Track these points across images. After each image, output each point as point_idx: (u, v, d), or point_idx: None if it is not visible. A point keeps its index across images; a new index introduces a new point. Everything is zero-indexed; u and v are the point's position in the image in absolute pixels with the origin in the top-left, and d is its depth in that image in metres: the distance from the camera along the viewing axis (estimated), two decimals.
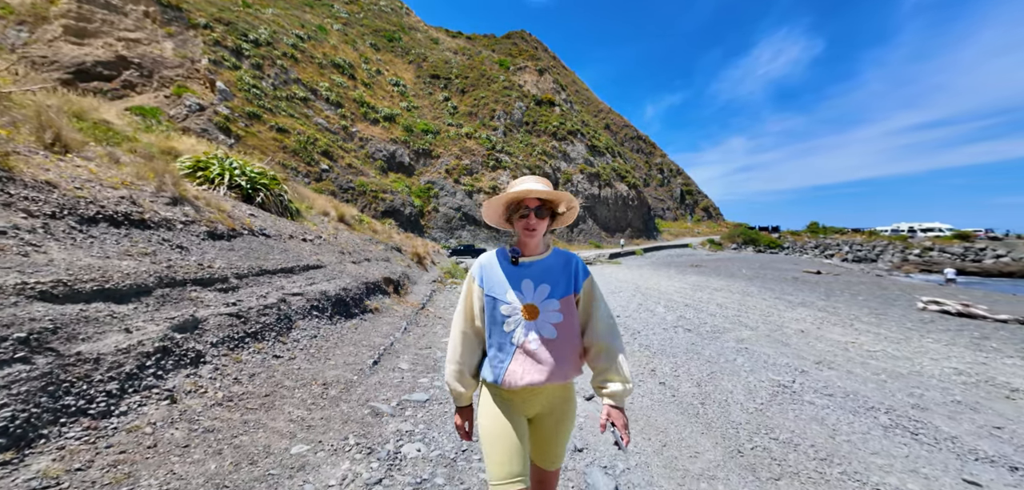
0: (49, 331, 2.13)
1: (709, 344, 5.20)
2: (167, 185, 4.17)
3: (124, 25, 28.32)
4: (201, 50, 30.09)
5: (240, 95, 29.37)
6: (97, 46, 25.89)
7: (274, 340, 3.64)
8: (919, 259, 35.86)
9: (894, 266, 34.93)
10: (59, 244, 2.75)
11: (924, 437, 2.71)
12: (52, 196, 3.04)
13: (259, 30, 34.87)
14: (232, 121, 27.59)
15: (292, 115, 31.32)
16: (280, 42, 35.52)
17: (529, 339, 1.24)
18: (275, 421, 2.59)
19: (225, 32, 32.63)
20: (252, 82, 30.63)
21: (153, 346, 2.59)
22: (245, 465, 2.11)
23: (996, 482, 2.19)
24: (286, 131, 29.26)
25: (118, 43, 26.75)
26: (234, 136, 26.01)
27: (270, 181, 6.69)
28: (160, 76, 27.36)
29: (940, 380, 3.85)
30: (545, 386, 1.25)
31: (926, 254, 36.52)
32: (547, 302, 1.27)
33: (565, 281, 1.29)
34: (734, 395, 3.57)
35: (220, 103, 27.57)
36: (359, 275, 6.18)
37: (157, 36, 29.27)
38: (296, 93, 33.62)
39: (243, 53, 32.71)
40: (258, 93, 30.39)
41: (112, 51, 26.11)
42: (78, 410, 2.02)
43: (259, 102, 29.91)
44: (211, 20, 32.50)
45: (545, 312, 1.26)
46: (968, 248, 35.77)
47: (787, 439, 2.74)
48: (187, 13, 31.52)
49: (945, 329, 5.91)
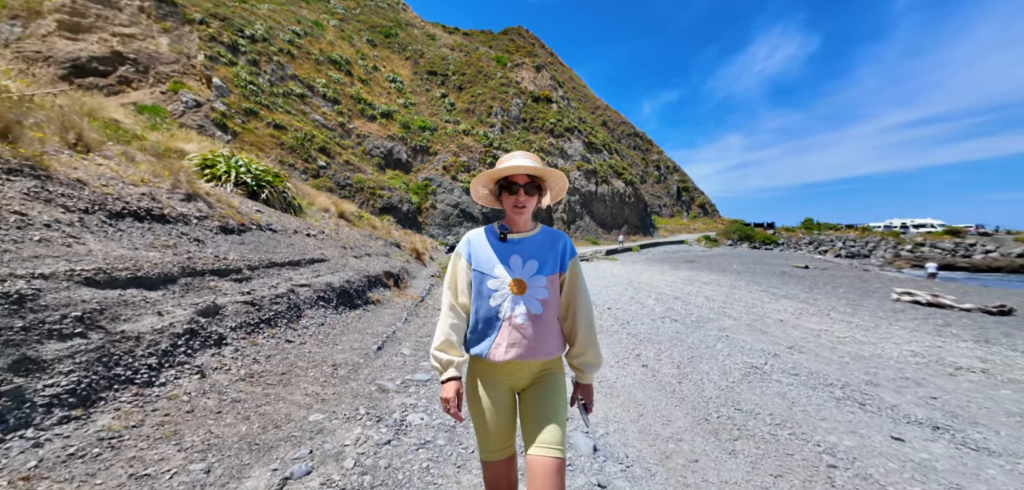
0: (97, 312, 2.44)
1: (693, 332, 5.55)
2: (181, 183, 4.46)
3: (119, 20, 28.25)
4: (197, 46, 30.05)
5: (237, 91, 29.38)
6: (92, 41, 25.84)
7: (285, 326, 3.95)
8: (911, 255, 36.47)
9: (886, 262, 35.53)
10: (94, 236, 3.05)
11: (869, 406, 3.07)
12: (83, 193, 3.33)
13: (255, 26, 34.82)
14: (229, 117, 27.62)
15: (289, 111, 31.38)
16: (276, 38, 35.50)
17: (516, 313, 1.25)
18: (293, 395, 2.91)
19: (221, 28, 32.56)
20: (249, 78, 30.64)
21: (182, 328, 2.90)
22: (271, 428, 2.44)
23: (918, 438, 2.55)
24: (283, 127, 29.33)
25: (113, 39, 26.69)
26: (231, 132, 26.07)
27: (274, 178, 6.97)
28: (156, 72, 27.36)
29: (896, 361, 4.22)
30: (530, 361, 1.26)
31: (918, 250, 37.14)
32: (535, 278, 1.28)
33: (553, 259, 1.31)
34: (709, 376, 3.92)
35: (217, 99, 27.60)
36: (361, 269, 6.49)
37: (152, 31, 29.24)
38: (293, 89, 33.64)
39: (239, 49, 32.67)
40: (255, 89, 30.41)
41: (107, 47, 26.06)
42: (127, 379, 2.34)
43: (256, 98, 29.93)
44: (207, 16, 32.42)
45: (532, 287, 1.27)
46: (958, 244, 36.42)
47: (750, 410, 3.09)
48: (182, 8, 31.45)
49: (912, 318, 6.30)
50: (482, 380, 1.29)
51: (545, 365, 1.31)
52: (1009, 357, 4.44)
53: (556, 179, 1.33)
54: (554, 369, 1.33)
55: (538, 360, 1.28)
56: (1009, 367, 4.08)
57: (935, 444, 2.51)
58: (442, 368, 1.27)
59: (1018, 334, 5.51)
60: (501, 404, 1.27)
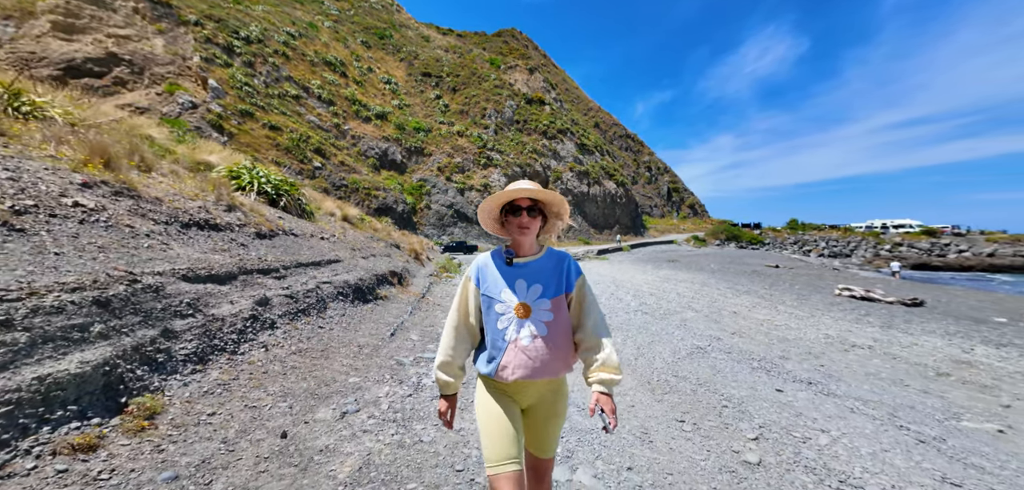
0: (196, 300, 3.36)
1: (658, 323, 6.57)
2: (223, 196, 5.35)
3: (113, 22, 28.57)
4: (192, 47, 30.44)
5: (232, 93, 29.82)
6: (86, 42, 26.19)
7: (316, 316, 4.87)
8: (889, 254, 38.14)
9: (866, 261, 37.18)
10: (177, 243, 3.95)
11: (772, 372, 4.09)
12: (162, 207, 4.23)
13: (250, 27, 35.26)
14: (225, 118, 28.05)
15: (284, 113, 31.92)
16: (271, 39, 35.99)
17: (521, 336, 1.32)
18: (333, 364, 3.84)
19: (216, 29, 32.96)
20: (244, 79, 31.09)
21: (247, 314, 3.82)
22: (323, 385, 3.37)
23: (792, 390, 3.56)
24: (279, 129, 29.85)
25: (108, 40, 27.05)
26: (227, 134, 26.56)
27: (290, 187, 7.85)
28: (151, 73, 27.76)
29: (811, 342, 5.28)
30: (535, 381, 1.34)
31: (896, 249, 38.85)
32: (539, 301, 1.35)
33: (557, 281, 1.38)
34: (661, 355, 4.92)
35: (213, 101, 28.04)
36: (369, 268, 7.40)
37: (147, 33, 29.59)
38: (288, 91, 34.16)
39: (234, 50, 33.09)
40: (250, 90, 30.88)
41: (102, 47, 26.44)
42: (221, 348, 3.26)
43: (251, 100, 30.41)
44: (201, 17, 32.80)
45: (537, 311, 1.34)
46: (934, 243, 38.14)
47: (683, 376, 4.09)
48: (177, 10, 31.81)
49: (842, 310, 7.41)
50: (491, 395, 1.38)
51: (550, 384, 1.40)
52: (895, 338, 5.54)
53: (557, 202, 1.41)
54: (559, 385, 1.42)
55: (544, 380, 1.36)
56: (890, 344, 5.16)
57: (802, 392, 3.53)
58: (441, 387, 1.43)
59: (916, 321, 6.65)
60: (511, 418, 1.33)
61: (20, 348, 2.04)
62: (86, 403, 2.16)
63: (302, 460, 2.25)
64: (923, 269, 35.11)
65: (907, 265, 35.73)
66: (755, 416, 3.10)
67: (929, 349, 5.18)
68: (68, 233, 3.10)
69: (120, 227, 3.51)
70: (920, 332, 6.18)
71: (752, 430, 2.89)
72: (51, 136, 3.95)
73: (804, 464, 2.45)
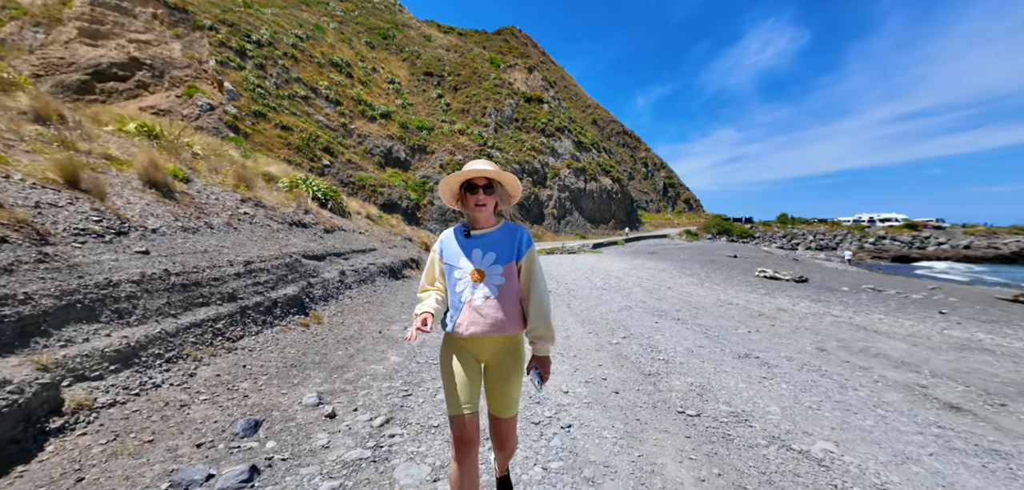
0: (313, 269, 5.93)
1: (610, 294, 9.10)
2: (302, 203, 7.91)
3: (134, 27, 31.04)
4: (207, 51, 32.84)
5: (246, 94, 32.25)
6: (110, 47, 28.70)
7: (370, 284, 7.44)
8: (872, 247, 40.56)
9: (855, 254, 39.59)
10: (291, 235, 6.51)
11: (662, 317, 6.63)
12: (276, 213, 6.79)
13: (261, 31, 37.59)
14: (240, 120, 30.52)
15: (295, 113, 34.34)
16: (280, 42, 38.34)
17: (475, 297, 1.57)
18: (387, 310, 6.41)
19: (229, 33, 35.31)
20: (256, 81, 33.50)
21: (337, 280, 6.39)
22: (389, 318, 5.93)
23: (666, 324, 6.11)
24: (289, 128, 32.29)
25: (130, 45, 29.54)
26: (242, 134, 29.07)
27: (333, 193, 10.40)
28: (170, 76, 30.27)
29: (705, 304, 7.82)
30: (488, 336, 1.57)
31: (880, 242, 41.24)
32: (492, 267, 1.60)
33: (509, 250, 1.63)
34: (599, 310, 7.46)
35: (228, 103, 30.53)
36: (395, 255, 9.97)
37: (165, 37, 32.04)
38: (297, 92, 36.54)
39: (247, 53, 35.44)
40: (262, 92, 33.30)
41: (125, 52, 28.94)
42: (331, 296, 5.84)
43: (264, 101, 32.84)
44: (215, 22, 35.14)
45: (490, 275, 1.59)
46: (916, 236, 40.49)
47: (605, 319, 6.63)
48: (193, 15, 34.16)
49: (751, 286, 9.94)
50: (452, 350, 1.63)
51: (504, 341, 1.63)
52: (762, 299, 8.17)
53: (509, 181, 1.64)
54: (513, 345, 1.65)
55: (496, 336, 1.59)
56: (754, 303, 7.72)
57: (669, 325, 6.07)
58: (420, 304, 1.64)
59: (790, 290, 9.30)
60: (466, 369, 1.59)
61: (273, 280, 4.61)
62: (294, 310, 4.72)
63: (390, 340, 4.81)
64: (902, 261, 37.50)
65: (888, 257, 38.14)
66: (632, 333, 5.65)
67: (774, 304, 7.75)
68: (246, 229, 5.67)
69: (264, 225, 6.09)
70: (781, 295, 8.77)
71: (625, 334, 5.45)
72: (209, 169, 6.50)
73: (640, 344, 4.99)
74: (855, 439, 2.75)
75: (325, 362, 3.76)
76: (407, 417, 2.85)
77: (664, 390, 3.55)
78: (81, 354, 2.39)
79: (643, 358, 4.47)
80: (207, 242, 4.55)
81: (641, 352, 4.69)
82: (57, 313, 2.45)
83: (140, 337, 2.80)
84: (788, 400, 3.37)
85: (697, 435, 2.76)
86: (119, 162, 4.71)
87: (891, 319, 6.21)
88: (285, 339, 4.14)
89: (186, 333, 3.21)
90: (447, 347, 1.65)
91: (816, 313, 6.87)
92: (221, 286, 3.94)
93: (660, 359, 4.43)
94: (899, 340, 5.12)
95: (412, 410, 2.96)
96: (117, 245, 3.41)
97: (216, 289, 3.85)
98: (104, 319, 2.70)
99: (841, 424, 2.96)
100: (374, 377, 3.54)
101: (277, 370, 3.41)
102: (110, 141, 5.21)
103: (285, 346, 3.97)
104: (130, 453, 2.09)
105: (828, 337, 5.45)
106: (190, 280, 3.63)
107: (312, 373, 3.46)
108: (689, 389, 3.58)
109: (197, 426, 2.45)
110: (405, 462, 2.33)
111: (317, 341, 4.28)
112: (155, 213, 4.29)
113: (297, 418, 2.70)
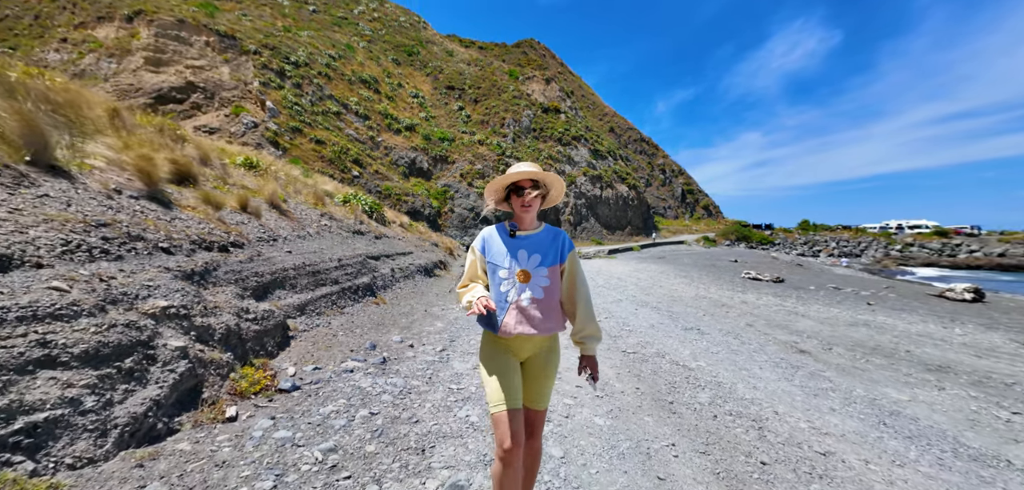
0: (373, 267, 8.13)
1: (610, 291, 10.95)
2: (359, 216, 10.21)
3: (190, 54, 35.15)
4: (252, 73, 36.66)
5: (285, 112, 35.75)
6: (171, 74, 32.74)
7: (411, 280, 9.61)
8: (899, 255, 40.17)
9: (876, 261, 39.33)
10: (355, 241, 8.76)
11: (642, 306, 8.45)
12: (343, 224, 9.08)
13: (298, 52, 41.38)
14: (280, 135, 33.93)
15: (327, 128, 37.68)
16: (315, 62, 42.02)
17: (522, 298, 1.63)
18: (427, 298, 8.54)
19: (271, 56, 39.16)
20: (294, 99, 37.02)
21: (389, 275, 8.58)
22: (429, 304, 8.05)
23: (643, 311, 7.93)
24: (323, 142, 35.53)
25: (187, 71, 33.56)
26: (281, 148, 32.33)
27: (377, 206, 12.73)
28: (220, 97, 34.09)
29: (684, 298, 9.57)
30: (533, 336, 1.65)
31: (907, 250, 40.76)
32: (538, 269, 1.67)
33: (553, 253, 1.71)
34: (599, 304, 9.34)
35: (270, 120, 34.02)
36: (428, 258, 12.16)
37: (216, 62, 36.04)
38: (330, 108, 39.95)
39: (285, 74, 39.15)
40: (299, 109, 36.76)
41: (182, 77, 32.91)
42: (387, 287, 8.03)
43: (300, 117, 36.27)
44: (259, 46, 39.05)
45: (536, 277, 1.65)
46: (945, 244, 39.88)
47: (599, 308, 8.51)
48: (240, 41, 38.15)
49: (733, 285, 11.52)
50: (493, 349, 1.71)
51: (546, 339, 1.73)
52: (733, 294, 9.83)
53: (555, 183, 1.73)
54: (552, 344, 1.76)
55: (540, 335, 1.66)
56: (725, 298, 9.40)
57: (645, 312, 7.90)
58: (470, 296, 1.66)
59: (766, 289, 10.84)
60: (507, 367, 1.66)
61: (354, 272, 6.80)
62: (368, 294, 6.89)
63: (433, 316, 6.89)
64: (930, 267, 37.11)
65: (916, 263, 37.94)
66: (615, 316, 7.53)
67: (740, 298, 9.44)
68: (328, 236, 7.92)
69: (337, 234, 8.35)
70: (752, 292, 10.41)
71: (607, 317, 7.34)
72: (293, 190, 8.84)
73: (616, 321, 6.87)
74: (722, 362, 4.59)
75: (396, 324, 5.86)
76: (454, 349, 4.90)
77: (620, 345, 5.45)
78: (287, 304, 4.56)
79: (615, 330, 6.38)
80: (313, 245, 6.78)
81: (615, 327, 6.59)
82: (271, 284, 4.63)
83: (306, 299, 4.97)
84: (700, 349, 5.20)
85: (629, 362, 4.68)
86: (253, 192, 7.03)
87: (820, 307, 7.80)
88: (367, 311, 6.28)
89: (319, 301, 5.36)
90: (488, 346, 1.74)
91: (768, 304, 8.53)
92: (329, 274, 6.13)
93: (626, 330, 6.32)
94: (813, 321, 6.79)
95: (456, 347, 5.00)
96: (276, 247, 5.64)
97: (327, 276, 6.03)
98: (287, 288, 4.87)
99: (720, 359, 4.80)
100: (430, 331, 5.61)
101: (372, 325, 5.53)
102: (244, 177, 7.59)
103: (370, 314, 6.10)
104: (324, 349, 4.22)
105: (761, 319, 7.16)
106: (314, 269, 5.82)
107: (391, 328, 5.55)
108: (637, 343, 5.47)
109: (346, 344, 4.56)
110: (457, 360, 4.37)
111: (387, 313, 6.39)
112: (282, 226, 6.55)
113: (393, 346, 4.78)
